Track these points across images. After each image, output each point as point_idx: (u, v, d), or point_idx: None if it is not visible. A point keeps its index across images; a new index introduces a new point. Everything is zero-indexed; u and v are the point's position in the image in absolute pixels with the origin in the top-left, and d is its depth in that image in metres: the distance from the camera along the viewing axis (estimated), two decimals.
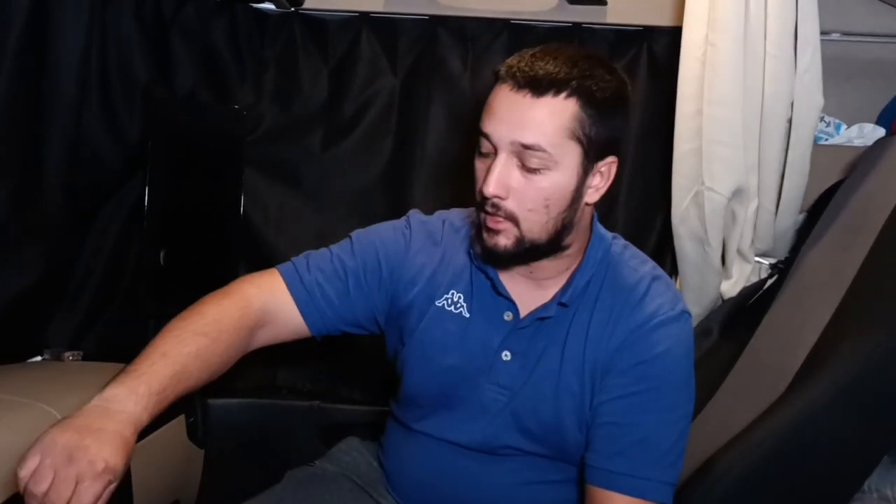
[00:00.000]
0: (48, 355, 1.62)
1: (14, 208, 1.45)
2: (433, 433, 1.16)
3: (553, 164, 0.99)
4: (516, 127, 0.98)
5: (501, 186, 1.00)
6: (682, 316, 1.09)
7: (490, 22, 1.94)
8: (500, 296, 1.11)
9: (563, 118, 0.98)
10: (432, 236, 1.18)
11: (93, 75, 1.65)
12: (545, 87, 0.97)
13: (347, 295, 1.15)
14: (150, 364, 0.95)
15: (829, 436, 1.15)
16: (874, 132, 1.86)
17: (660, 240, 1.92)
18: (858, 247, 1.38)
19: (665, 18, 1.86)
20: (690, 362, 1.09)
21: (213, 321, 1.05)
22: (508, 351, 1.10)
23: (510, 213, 1.01)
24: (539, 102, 0.98)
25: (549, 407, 1.08)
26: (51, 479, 0.81)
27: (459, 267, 1.14)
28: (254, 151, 1.95)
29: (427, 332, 1.14)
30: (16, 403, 1.19)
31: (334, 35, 1.95)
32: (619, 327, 1.07)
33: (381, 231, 1.20)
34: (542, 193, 1.00)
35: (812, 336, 1.32)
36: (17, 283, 1.51)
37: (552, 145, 0.98)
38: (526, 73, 0.98)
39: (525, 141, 0.98)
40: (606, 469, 1.04)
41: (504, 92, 1.00)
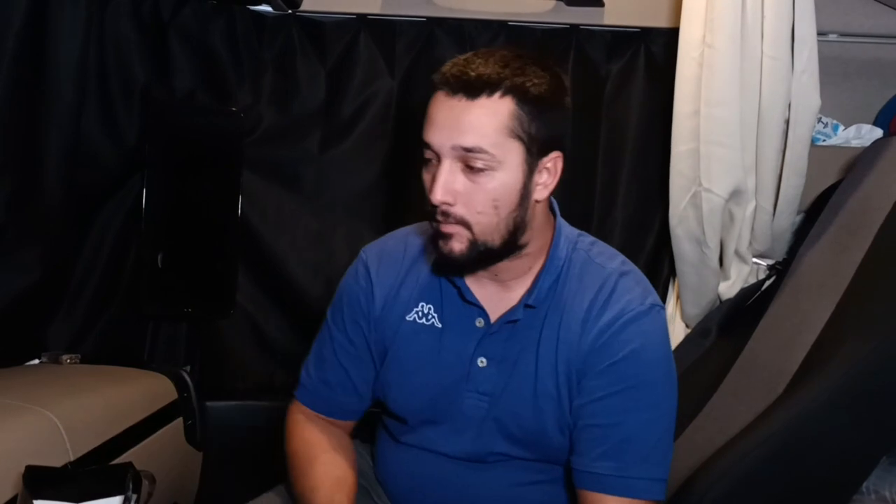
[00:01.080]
0: (46, 358, 1.62)
1: (12, 210, 1.45)
2: (421, 445, 1.16)
3: (496, 165, 0.99)
4: (455, 131, 0.98)
5: (448, 192, 0.99)
6: (653, 309, 1.07)
7: (487, 23, 1.94)
8: (468, 303, 1.10)
9: (500, 117, 0.98)
10: (392, 256, 1.18)
11: (91, 77, 1.66)
12: (479, 88, 0.97)
13: (355, 378, 1.19)
14: None
15: (828, 437, 1.15)
16: (872, 133, 1.87)
17: (657, 241, 1.92)
18: (856, 247, 1.39)
19: (662, 19, 1.86)
20: (666, 355, 1.09)
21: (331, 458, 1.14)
22: (484, 357, 1.10)
23: (460, 218, 1.01)
24: (474, 104, 0.98)
25: (529, 411, 1.08)
26: None
27: (427, 278, 1.14)
28: (252, 153, 1.95)
29: (402, 348, 1.14)
30: (13, 407, 1.19)
31: (332, 37, 1.95)
32: (589, 328, 1.06)
33: (343, 290, 1.20)
34: (489, 195, 1.00)
35: (810, 337, 1.32)
36: (15, 285, 1.51)
37: (493, 145, 0.98)
38: (458, 77, 0.98)
39: (465, 144, 0.98)
40: (594, 472, 1.03)
41: (440, 99, 1.00)
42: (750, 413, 1.25)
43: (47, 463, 1.10)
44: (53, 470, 1.05)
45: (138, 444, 1.36)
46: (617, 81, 1.95)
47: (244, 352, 1.96)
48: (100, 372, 1.55)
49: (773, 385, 1.29)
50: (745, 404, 1.32)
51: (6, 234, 1.46)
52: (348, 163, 1.98)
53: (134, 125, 1.77)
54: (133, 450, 1.33)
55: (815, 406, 1.15)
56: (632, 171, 1.94)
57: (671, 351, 1.10)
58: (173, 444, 1.54)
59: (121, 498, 0.93)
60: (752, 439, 1.17)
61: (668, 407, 1.07)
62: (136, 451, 1.34)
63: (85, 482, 0.95)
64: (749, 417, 1.24)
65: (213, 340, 1.96)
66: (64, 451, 1.16)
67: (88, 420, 1.25)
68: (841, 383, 1.15)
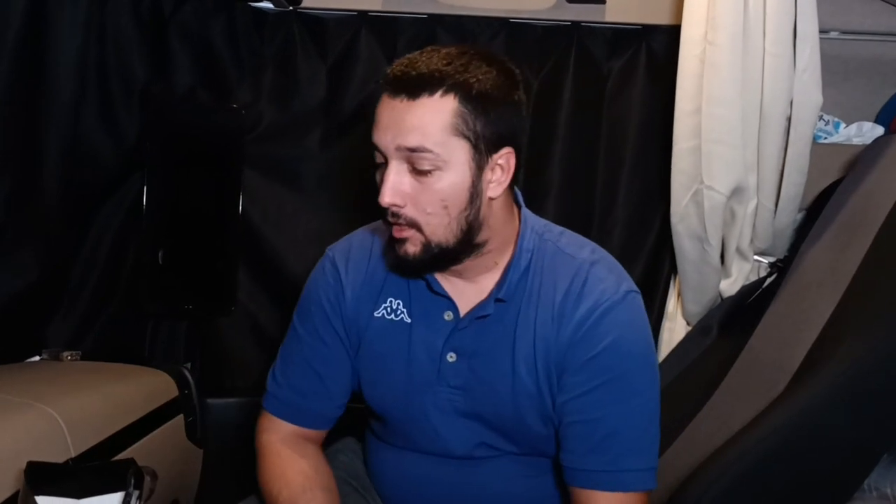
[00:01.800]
0: (46, 355, 1.62)
1: (12, 208, 1.45)
2: (406, 446, 1.15)
3: (443, 164, 0.97)
4: (398, 132, 0.97)
5: (396, 194, 0.98)
6: (628, 296, 1.05)
7: (489, 21, 1.94)
8: (437, 294, 1.09)
9: (442, 116, 0.96)
10: (354, 253, 1.16)
11: (91, 74, 1.65)
12: (420, 87, 0.96)
13: (326, 381, 1.16)
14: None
15: (829, 435, 1.15)
16: (873, 130, 1.86)
17: (659, 238, 1.92)
18: (857, 245, 1.38)
19: (664, 17, 1.86)
20: (645, 342, 1.07)
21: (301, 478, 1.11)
22: (453, 352, 1.08)
23: (411, 220, 1.00)
24: (416, 104, 0.96)
25: (509, 407, 1.07)
26: None
27: (392, 277, 1.12)
28: (252, 150, 1.95)
29: (372, 345, 1.12)
30: (14, 403, 1.19)
31: (333, 34, 1.95)
32: (565, 322, 1.04)
33: (309, 288, 1.19)
34: (437, 195, 0.98)
35: (811, 334, 1.32)
36: (16, 283, 1.51)
37: (437, 144, 0.96)
38: (399, 77, 0.98)
39: (409, 144, 0.96)
40: (583, 469, 1.03)
41: (385, 100, 0.99)
42: (751, 411, 1.25)
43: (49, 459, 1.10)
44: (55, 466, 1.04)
45: (139, 441, 1.36)
46: (618, 79, 1.94)
47: (244, 349, 1.96)
48: (101, 369, 1.55)
49: (774, 383, 1.29)
50: (747, 402, 1.32)
51: (6, 233, 1.46)
52: (349, 160, 1.97)
53: (134, 123, 1.77)
54: (134, 446, 1.33)
55: (817, 403, 1.15)
56: (633, 168, 1.94)
57: (650, 336, 1.09)
58: (174, 441, 1.54)
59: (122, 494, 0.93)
60: (753, 437, 1.17)
61: (651, 394, 1.06)
62: (137, 447, 1.34)
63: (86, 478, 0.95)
64: (750, 415, 1.24)
65: (214, 338, 1.96)
66: (65, 447, 1.17)
67: (89, 417, 1.26)
68: (842, 381, 1.14)
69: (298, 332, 1.18)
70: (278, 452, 1.14)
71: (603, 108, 1.95)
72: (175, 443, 1.55)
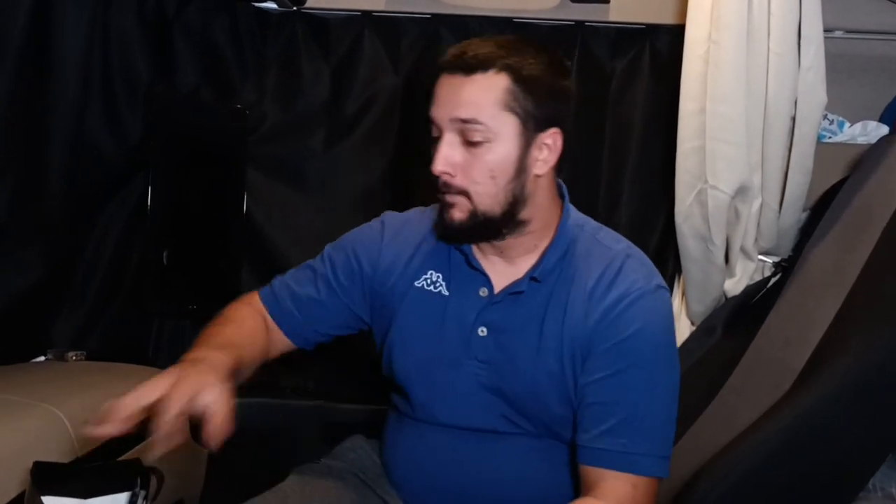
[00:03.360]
0: (52, 355, 1.62)
1: (17, 207, 1.45)
2: (426, 418, 1.17)
3: (493, 136, 1.04)
4: (453, 105, 1.05)
5: (447, 164, 1.06)
6: (658, 290, 1.10)
7: (492, 20, 1.94)
8: (474, 270, 1.13)
9: (494, 92, 1.04)
10: (408, 225, 1.22)
11: (95, 74, 1.66)
12: (474, 66, 1.04)
13: (318, 298, 1.21)
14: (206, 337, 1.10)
15: (834, 434, 1.15)
16: (878, 130, 1.86)
17: (663, 238, 1.92)
18: (862, 244, 1.38)
19: (668, 16, 1.86)
20: (670, 335, 1.11)
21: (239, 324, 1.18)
22: (484, 326, 1.12)
23: (460, 188, 1.07)
24: (469, 80, 1.04)
25: (528, 383, 1.10)
26: None
27: (437, 248, 1.17)
28: (256, 150, 1.95)
29: (409, 314, 1.16)
30: (20, 404, 1.19)
31: (336, 34, 1.95)
32: (595, 306, 1.08)
33: (354, 232, 1.25)
34: (486, 165, 1.05)
35: (816, 334, 1.31)
36: (21, 283, 1.51)
37: (488, 117, 1.04)
38: (457, 56, 1.05)
39: (462, 116, 1.04)
40: (597, 448, 1.05)
41: (442, 79, 1.07)
42: (756, 410, 1.25)
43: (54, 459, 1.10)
44: (61, 466, 1.05)
45: (144, 442, 1.36)
46: (622, 78, 1.94)
47: None
48: (105, 369, 1.55)
49: (778, 382, 1.29)
50: (751, 401, 1.32)
51: (10, 233, 1.46)
52: (352, 160, 1.98)
53: (138, 122, 1.77)
54: (139, 447, 1.33)
55: (821, 403, 1.15)
56: (637, 168, 1.94)
57: (674, 330, 1.12)
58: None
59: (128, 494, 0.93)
60: (757, 436, 1.17)
61: (670, 385, 1.09)
62: (142, 448, 1.34)
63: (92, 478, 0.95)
64: (755, 415, 1.23)
65: None
66: (71, 447, 1.17)
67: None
68: (847, 380, 1.14)
69: (314, 265, 1.24)
70: (248, 307, 1.22)
71: (607, 108, 1.95)
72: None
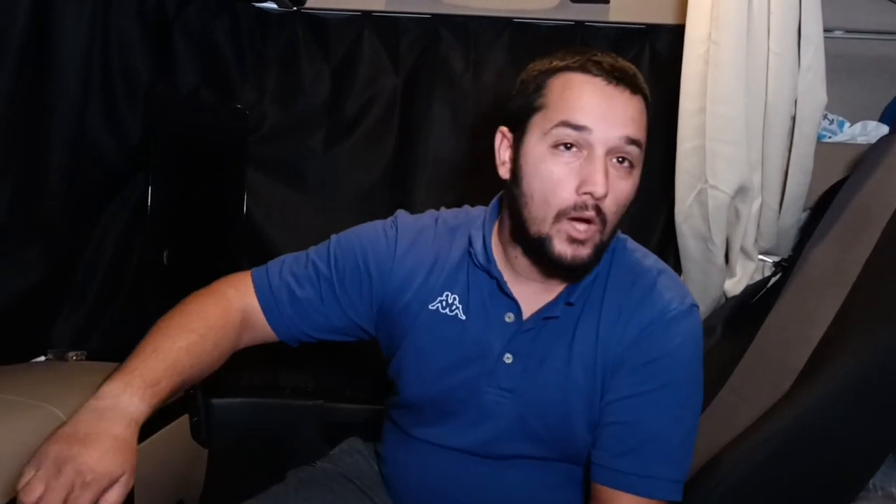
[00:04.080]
0: (52, 355, 1.62)
1: (17, 208, 1.45)
2: (433, 440, 1.13)
3: (638, 163, 0.99)
4: (622, 122, 0.95)
5: (608, 185, 0.95)
6: (692, 310, 1.07)
7: (492, 20, 1.94)
8: (503, 295, 1.07)
9: (646, 117, 0.99)
10: (423, 235, 1.14)
11: (95, 74, 1.65)
12: (638, 86, 0.98)
13: (320, 303, 1.13)
14: (143, 360, 0.97)
15: (834, 434, 1.15)
16: (877, 130, 1.86)
17: (663, 238, 1.92)
18: (862, 244, 1.38)
19: (667, 16, 1.86)
20: (700, 357, 1.07)
21: (199, 318, 1.07)
22: (511, 354, 1.07)
23: (604, 216, 0.97)
24: (635, 99, 0.97)
25: (558, 409, 1.06)
26: (41, 490, 0.80)
27: (454, 267, 1.10)
28: (256, 150, 1.95)
29: (421, 337, 1.10)
30: (20, 404, 1.19)
31: (336, 34, 1.95)
32: (630, 323, 1.04)
33: (363, 234, 1.16)
34: (627, 194, 0.99)
35: (816, 334, 1.31)
36: (21, 283, 1.51)
37: (644, 141, 0.98)
38: (619, 69, 0.97)
39: (633, 134, 0.96)
40: (614, 468, 1.02)
41: (598, 85, 0.96)
42: (756, 410, 1.25)
43: None
44: None
45: (144, 441, 1.35)
46: None
47: (249, 349, 1.95)
48: (106, 369, 1.53)
49: (778, 382, 1.29)
50: (751, 401, 1.32)
51: (10, 233, 1.46)
52: (353, 160, 1.98)
53: (138, 123, 1.77)
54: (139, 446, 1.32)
55: (822, 403, 1.15)
56: None
57: (702, 353, 1.09)
58: (179, 441, 1.54)
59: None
60: (758, 436, 1.17)
61: (694, 409, 1.06)
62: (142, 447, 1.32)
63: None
64: (755, 414, 1.23)
65: None
66: None
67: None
68: (848, 380, 1.14)
69: (319, 269, 1.14)
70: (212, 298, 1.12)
71: None
72: (180, 443, 1.55)
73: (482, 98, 1.96)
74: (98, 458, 0.83)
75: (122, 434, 0.87)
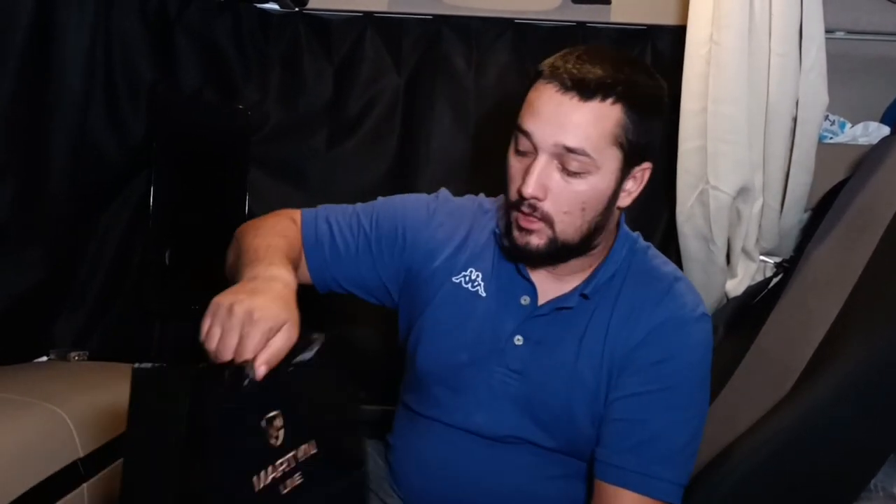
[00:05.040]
0: (54, 355, 1.62)
1: (19, 208, 1.45)
2: (440, 418, 1.15)
3: (594, 169, 0.99)
4: (561, 129, 0.98)
5: (540, 188, 0.99)
6: (704, 318, 1.09)
7: (494, 21, 1.94)
8: (522, 279, 1.11)
9: (607, 123, 0.98)
10: (459, 212, 1.18)
11: (97, 75, 1.66)
12: (593, 91, 0.97)
13: (355, 253, 1.16)
14: (264, 251, 0.99)
15: (835, 434, 1.15)
16: (879, 130, 1.86)
17: (664, 238, 1.92)
18: (864, 244, 1.38)
19: (669, 17, 1.86)
20: (708, 365, 1.09)
21: (284, 229, 1.11)
22: (521, 336, 1.10)
23: (546, 215, 1.01)
24: (586, 106, 0.97)
25: (561, 397, 1.08)
26: (219, 333, 0.83)
27: (482, 246, 1.14)
28: (259, 150, 1.96)
29: (441, 307, 1.13)
30: (22, 403, 1.20)
31: (338, 34, 1.95)
32: (640, 323, 1.06)
33: (407, 201, 1.20)
34: (579, 197, 1.00)
35: (818, 334, 1.31)
36: (22, 283, 1.51)
37: (595, 150, 0.98)
38: (574, 74, 0.97)
39: (569, 144, 0.97)
40: (617, 465, 1.03)
41: (549, 92, 0.99)
42: (758, 410, 1.25)
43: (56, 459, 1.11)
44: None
45: None
46: None
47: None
48: (108, 369, 1.55)
49: (780, 382, 1.29)
50: (753, 402, 1.32)
51: (12, 233, 1.46)
52: (355, 160, 1.98)
53: (140, 123, 1.77)
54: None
55: (823, 403, 1.15)
56: None
57: (710, 361, 1.10)
58: None
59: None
60: (759, 436, 1.17)
61: (699, 413, 1.08)
62: None
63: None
64: (756, 415, 1.23)
65: None
66: (73, 447, 1.17)
67: (97, 416, 1.26)
68: (849, 380, 1.14)
69: (361, 223, 1.17)
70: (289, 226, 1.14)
71: None
72: None
73: (484, 98, 1.96)
74: (264, 302, 0.84)
75: (283, 291, 0.89)
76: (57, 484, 1.11)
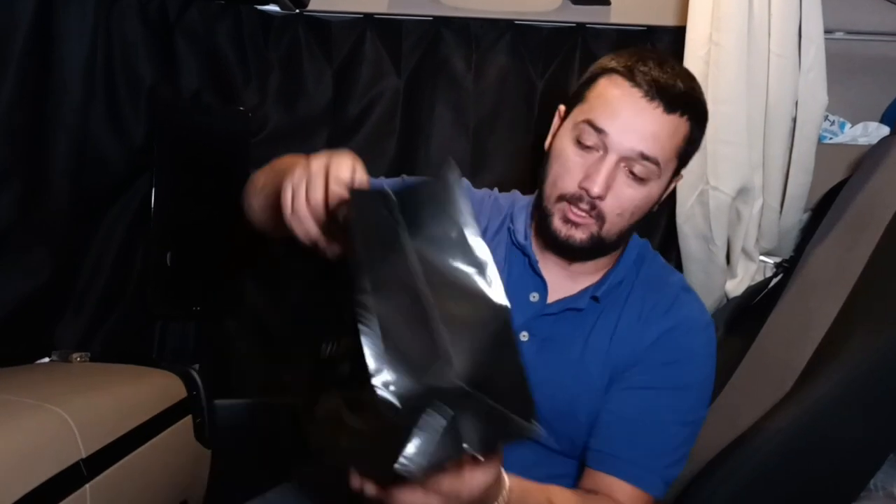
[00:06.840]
0: (56, 357, 1.62)
1: (21, 211, 1.46)
2: None
3: (656, 177, 1.01)
4: (641, 136, 0.98)
5: (606, 188, 0.99)
6: (711, 326, 1.11)
7: (494, 22, 1.94)
8: (533, 274, 1.11)
9: (679, 137, 1.00)
10: (497, 211, 1.19)
11: (98, 77, 1.66)
12: (678, 105, 0.98)
13: None
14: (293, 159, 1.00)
15: (836, 433, 1.15)
16: (878, 130, 1.86)
17: (664, 238, 1.92)
18: (863, 244, 1.38)
19: (668, 18, 1.86)
20: (711, 374, 1.10)
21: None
22: (528, 332, 1.10)
23: (601, 214, 1.02)
24: (668, 118, 0.98)
25: (566, 396, 1.08)
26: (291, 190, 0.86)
27: (497, 238, 1.15)
28: (259, 152, 1.96)
29: None
30: (24, 405, 1.19)
31: (338, 36, 1.96)
32: (650, 328, 1.07)
33: (469, 191, 1.21)
34: (635, 201, 1.02)
35: (818, 334, 1.32)
36: (25, 285, 1.51)
37: (665, 160, 1.00)
38: (660, 83, 0.98)
39: (646, 152, 0.98)
40: (611, 454, 1.04)
41: (634, 96, 0.98)
42: (758, 410, 1.25)
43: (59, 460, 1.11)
44: None
45: (148, 442, 1.36)
46: None
47: (252, 349, 1.97)
48: (110, 370, 1.56)
49: (780, 382, 1.29)
50: (753, 401, 1.32)
51: (15, 235, 1.47)
52: None
53: (141, 125, 1.77)
54: (143, 447, 1.34)
55: (823, 403, 1.15)
56: None
57: (715, 368, 1.11)
58: (182, 442, 1.55)
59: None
60: (760, 436, 1.17)
61: (697, 418, 1.08)
62: (146, 448, 1.35)
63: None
64: (757, 414, 1.24)
65: (222, 339, 1.96)
66: (75, 448, 1.17)
67: (99, 418, 1.26)
68: (849, 380, 1.15)
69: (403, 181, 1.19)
70: None
71: None
72: (184, 444, 1.55)
73: (484, 99, 1.96)
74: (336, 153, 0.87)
75: None
76: (59, 485, 1.11)
